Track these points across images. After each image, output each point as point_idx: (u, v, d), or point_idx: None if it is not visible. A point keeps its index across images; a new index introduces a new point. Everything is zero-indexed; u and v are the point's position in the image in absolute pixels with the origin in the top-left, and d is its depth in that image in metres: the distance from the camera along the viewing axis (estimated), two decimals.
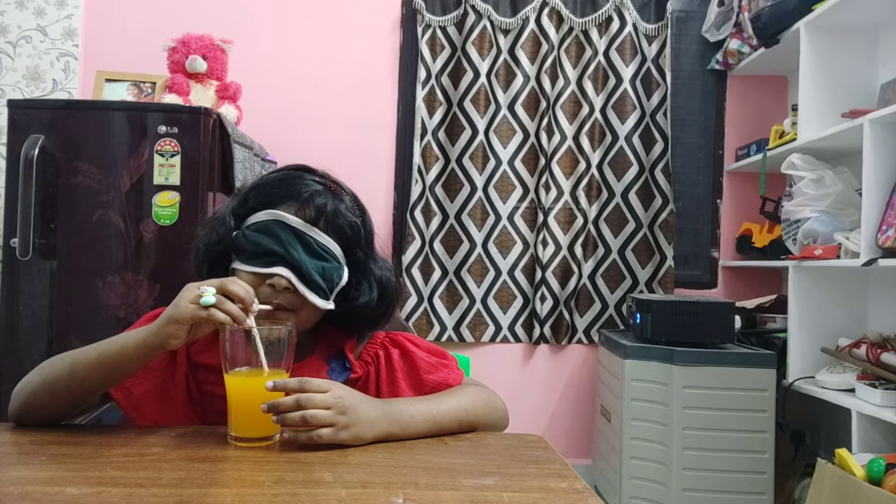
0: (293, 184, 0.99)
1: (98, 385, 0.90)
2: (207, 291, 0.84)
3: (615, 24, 2.88)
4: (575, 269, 2.87)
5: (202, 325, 0.86)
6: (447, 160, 2.88)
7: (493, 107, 2.88)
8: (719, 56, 2.92)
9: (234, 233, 0.97)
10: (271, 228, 0.94)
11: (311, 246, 0.95)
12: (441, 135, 2.88)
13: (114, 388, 0.94)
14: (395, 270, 1.08)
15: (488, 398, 1.01)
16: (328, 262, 0.96)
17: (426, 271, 2.85)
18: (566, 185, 2.90)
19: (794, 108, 2.55)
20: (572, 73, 2.91)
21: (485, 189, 2.88)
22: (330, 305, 0.97)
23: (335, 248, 0.97)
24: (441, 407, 0.94)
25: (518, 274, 2.90)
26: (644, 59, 2.90)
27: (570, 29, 2.90)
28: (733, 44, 2.82)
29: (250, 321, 0.86)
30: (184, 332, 0.84)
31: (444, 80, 2.89)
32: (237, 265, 0.95)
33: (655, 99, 2.89)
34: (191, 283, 0.87)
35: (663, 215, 2.88)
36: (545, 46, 2.87)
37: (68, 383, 0.89)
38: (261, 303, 0.91)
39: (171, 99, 2.25)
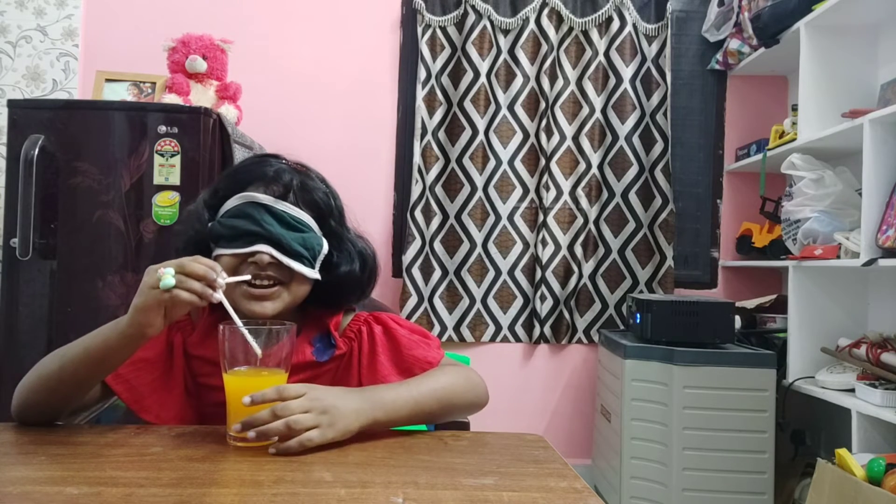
0: (259, 167, 1.01)
1: (88, 378, 0.91)
2: (166, 273, 0.81)
3: (615, 25, 2.88)
4: (575, 269, 2.87)
5: (175, 307, 0.84)
6: (447, 160, 2.88)
7: (493, 107, 2.88)
8: (719, 56, 2.92)
9: (210, 223, 0.99)
10: (245, 210, 0.96)
11: (285, 219, 0.96)
12: (441, 135, 2.88)
13: (114, 379, 0.95)
14: (369, 243, 1.10)
15: (467, 376, 1.02)
16: (306, 233, 0.98)
17: (426, 271, 2.85)
18: (566, 185, 2.90)
19: (794, 108, 2.55)
20: (572, 74, 2.91)
21: (485, 189, 2.88)
22: (316, 274, 0.98)
23: (309, 220, 0.99)
24: (421, 388, 0.95)
25: (518, 274, 2.90)
26: (644, 59, 2.90)
27: (570, 29, 2.90)
28: (733, 44, 2.82)
29: (218, 295, 0.84)
30: (156, 319, 0.83)
31: (444, 80, 2.89)
32: (218, 251, 0.97)
33: (655, 99, 2.89)
34: (151, 265, 0.84)
35: (663, 215, 2.87)
36: (545, 47, 2.86)
37: (59, 379, 0.89)
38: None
39: (171, 99, 2.25)
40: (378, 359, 1.03)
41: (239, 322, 0.87)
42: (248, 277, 0.94)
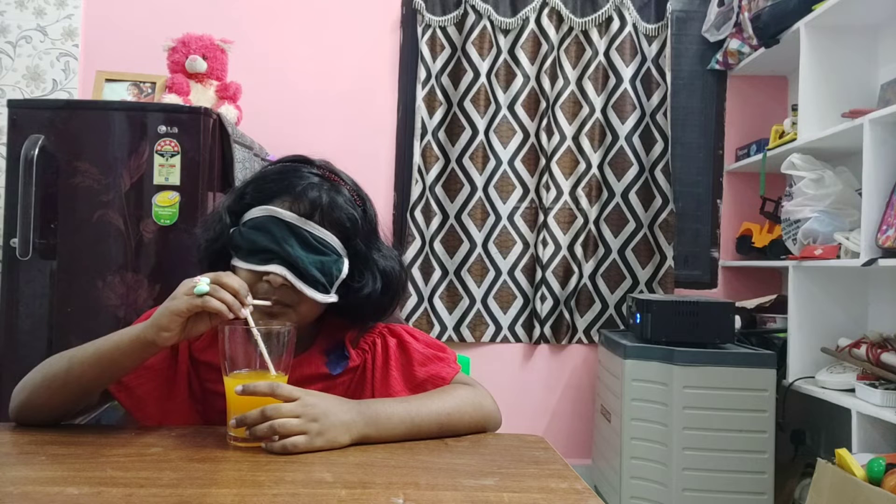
0: (288, 177, 0.97)
1: (95, 382, 0.90)
2: (202, 281, 0.84)
3: (615, 24, 2.88)
4: (575, 269, 2.87)
5: (198, 322, 0.85)
6: (447, 160, 2.88)
7: (493, 107, 2.88)
8: (719, 56, 2.92)
9: (232, 230, 0.96)
10: (266, 225, 0.93)
11: (307, 240, 0.93)
12: (441, 135, 2.88)
13: (116, 387, 0.94)
14: (400, 258, 1.06)
15: (477, 401, 0.98)
16: (326, 256, 0.94)
17: (426, 271, 2.85)
18: (566, 185, 2.90)
19: (794, 108, 2.55)
20: (572, 74, 2.91)
21: (485, 189, 2.88)
22: (332, 299, 0.96)
23: (333, 241, 0.95)
24: (422, 409, 0.92)
25: (518, 274, 2.90)
26: (644, 59, 2.90)
27: (570, 29, 2.90)
28: (733, 44, 2.82)
29: (245, 311, 0.86)
30: (177, 326, 0.83)
31: (444, 80, 2.89)
32: (236, 262, 0.95)
33: (655, 99, 2.89)
34: (187, 278, 0.87)
35: (663, 215, 2.87)
36: (545, 46, 2.86)
37: (66, 380, 0.89)
38: (259, 299, 0.90)
39: (171, 99, 2.25)
40: (391, 373, 1.01)
41: (261, 342, 0.86)
42: (267, 304, 0.91)
